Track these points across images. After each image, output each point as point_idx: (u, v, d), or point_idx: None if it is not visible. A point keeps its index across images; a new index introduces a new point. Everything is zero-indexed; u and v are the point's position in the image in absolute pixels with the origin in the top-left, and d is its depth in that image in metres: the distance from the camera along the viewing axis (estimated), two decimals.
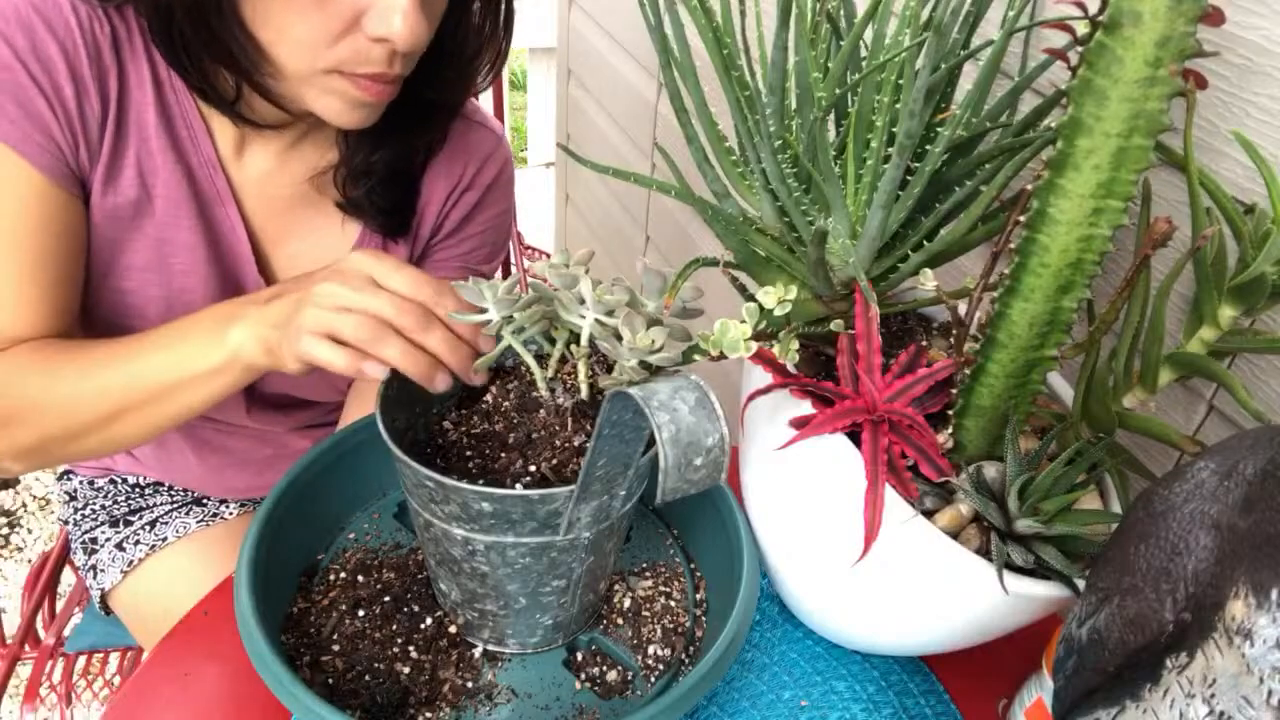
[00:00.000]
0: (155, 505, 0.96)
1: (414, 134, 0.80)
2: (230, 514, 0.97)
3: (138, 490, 0.98)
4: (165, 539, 0.92)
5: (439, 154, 0.85)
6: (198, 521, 0.94)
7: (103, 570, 0.92)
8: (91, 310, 0.78)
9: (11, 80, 0.63)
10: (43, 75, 0.64)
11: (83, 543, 0.95)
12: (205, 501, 0.98)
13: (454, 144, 0.85)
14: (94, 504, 0.97)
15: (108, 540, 0.93)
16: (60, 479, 1.02)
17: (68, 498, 1.00)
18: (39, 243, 0.68)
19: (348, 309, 0.57)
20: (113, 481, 0.99)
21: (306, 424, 0.98)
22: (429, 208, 0.86)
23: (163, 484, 0.99)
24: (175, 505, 0.97)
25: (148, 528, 0.94)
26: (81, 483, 1.00)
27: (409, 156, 0.82)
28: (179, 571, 0.91)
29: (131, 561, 0.91)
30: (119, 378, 0.66)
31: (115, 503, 0.97)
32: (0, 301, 0.68)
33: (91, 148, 0.69)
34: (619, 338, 0.50)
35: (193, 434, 0.93)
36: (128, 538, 0.93)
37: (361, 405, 0.90)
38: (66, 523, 0.98)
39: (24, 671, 1.02)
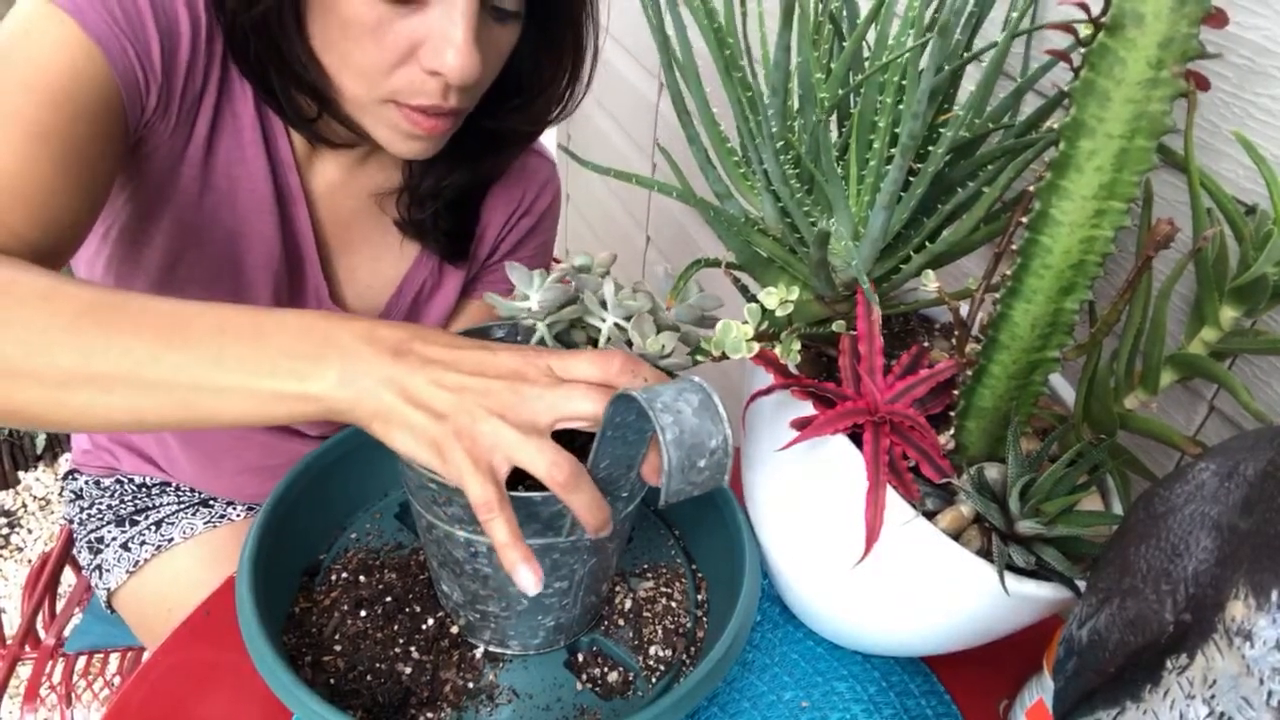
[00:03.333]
0: (162, 505, 0.96)
1: (483, 164, 0.81)
2: (237, 516, 0.97)
3: (144, 490, 0.98)
4: (171, 540, 0.92)
5: (499, 183, 0.87)
6: (204, 522, 0.94)
7: (108, 570, 0.92)
8: None
9: (136, 14, 0.62)
10: (166, 36, 0.64)
11: (88, 542, 0.95)
12: (212, 503, 0.98)
13: (513, 170, 0.87)
14: (100, 503, 0.97)
15: (113, 540, 0.93)
16: (65, 478, 1.02)
17: (73, 496, 1.00)
18: (75, 131, 0.58)
19: (541, 430, 0.46)
20: (119, 481, 0.99)
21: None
22: (488, 231, 0.88)
23: (169, 484, 0.99)
24: (182, 506, 0.96)
25: (154, 528, 0.94)
26: (88, 482, 1.00)
27: (476, 184, 0.83)
28: (184, 572, 0.91)
29: (137, 562, 0.91)
30: (148, 348, 0.47)
31: (122, 502, 0.97)
32: (11, 177, 0.55)
33: (179, 114, 0.68)
34: (629, 343, 0.50)
35: (207, 439, 0.93)
36: (133, 538, 0.93)
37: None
38: (71, 522, 0.98)
39: (24, 672, 1.02)
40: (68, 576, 1.08)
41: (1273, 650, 0.35)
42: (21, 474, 1.97)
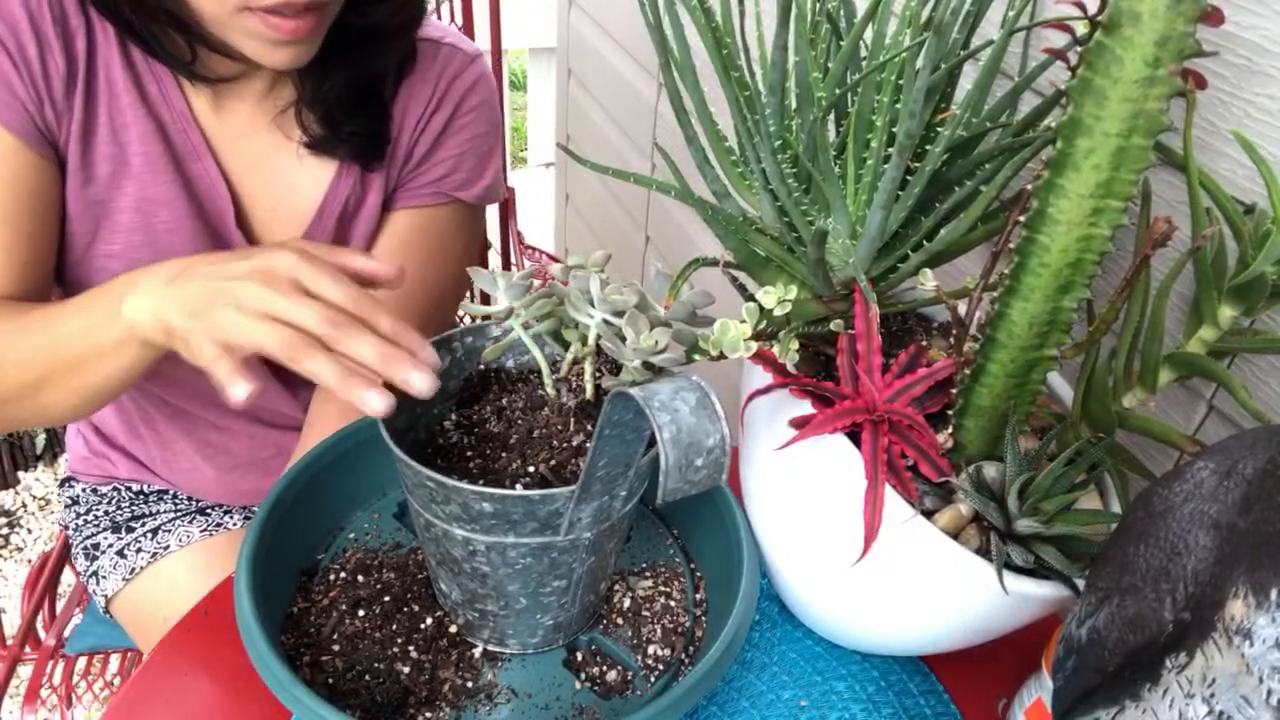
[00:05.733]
0: (158, 513, 0.96)
1: (363, 62, 0.78)
2: (234, 524, 0.97)
3: (141, 497, 0.98)
4: (167, 547, 0.92)
5: (409, 79, 0.83)
6: (201, 530, 0.94)
7: (104, 577, 0.92)
8: (81, 279, 0.78)
9: None
10: (7, 35, 0.66)
11: (84, 548, 0.95)
12: (209, 511, 0.98)
13: (422, 67, 0.83)
14: (96, 510, 0.97)
15: (109, 547, 0.93)
16: (62, 485, 1.02)
17: (70, 502, 0.99)
18: (2, 200, 0.68)
19: (271, 316, 0.53)
20: (116, 489, 0.99)
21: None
22: (402, 134, 0.84)
23: (166, 491, 0.99)
24: (179, 514, 0.96)
25: (149, 535, 0.93)
26: (84, 489, 0.99)
27: (367, 83, 0.80)
28: (180, 580, 0.90)
29: (133, 569, 0.91)
30: (39, 344, 0.65)
31: (118, 508, 0.96)
32: None
33: (57, 106, 0.70)
34: (622, 338, 0.50)
35: (194, 435, 0.93)
36: (129, 544, 0.93)
37: (321, 429, 0.88)
38: (68, 528, 0.98)
39: (24, 672, 1.02)
40: (68, 577, 1.08)
41: (1272, 649, 0.35)
42: (21, 474, 1.97)
